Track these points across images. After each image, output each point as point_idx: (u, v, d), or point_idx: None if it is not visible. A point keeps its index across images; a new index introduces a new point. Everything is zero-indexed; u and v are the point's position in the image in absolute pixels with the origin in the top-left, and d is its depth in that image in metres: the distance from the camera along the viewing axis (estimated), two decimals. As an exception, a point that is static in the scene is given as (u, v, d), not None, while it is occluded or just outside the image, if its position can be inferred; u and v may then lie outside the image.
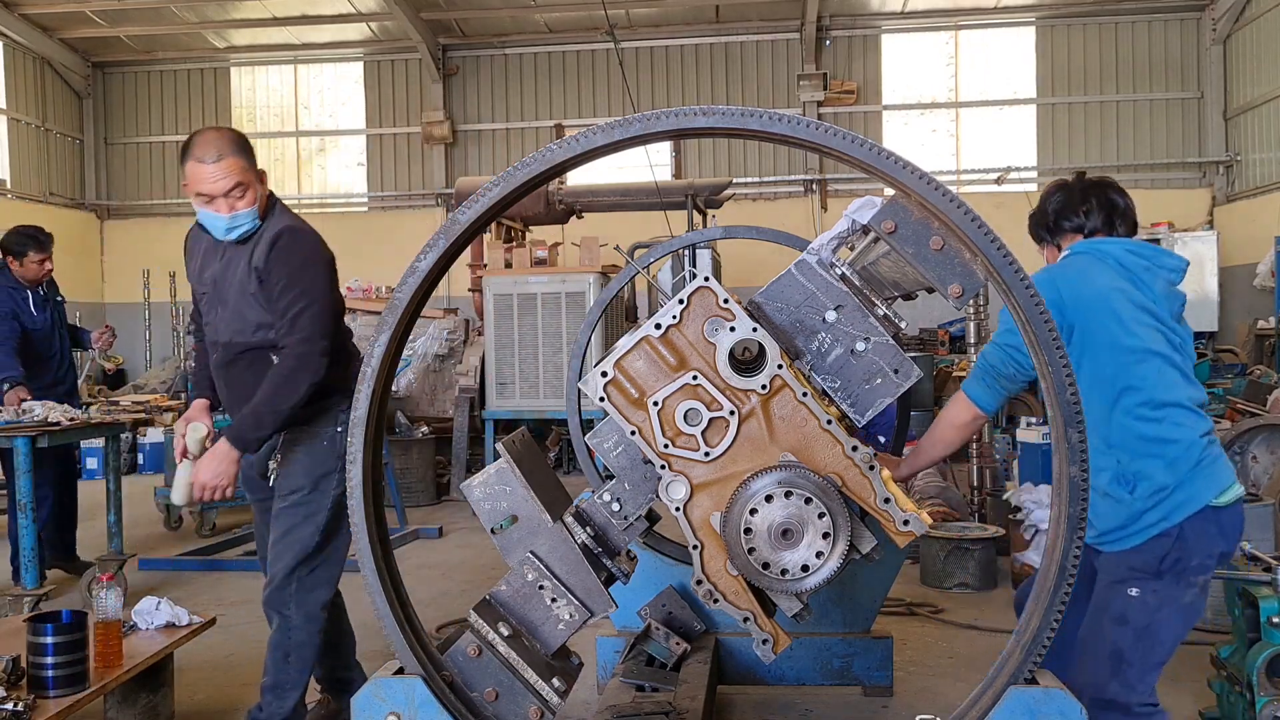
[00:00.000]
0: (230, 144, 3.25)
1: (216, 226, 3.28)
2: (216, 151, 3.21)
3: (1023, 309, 1.74)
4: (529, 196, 2.04)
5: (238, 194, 3.23)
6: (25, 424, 5.42)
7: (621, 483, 2.00)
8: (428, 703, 1.85)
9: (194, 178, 3.22)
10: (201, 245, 3.44)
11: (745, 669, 3.91)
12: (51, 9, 16.39)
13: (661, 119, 1.77)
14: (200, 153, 3.21)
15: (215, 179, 3.20)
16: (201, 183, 3.21)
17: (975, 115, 17.05)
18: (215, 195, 3.21)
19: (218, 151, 3.21)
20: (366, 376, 1.90)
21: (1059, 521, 1.80)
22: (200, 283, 3.45)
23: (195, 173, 3.21)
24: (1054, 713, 1.78)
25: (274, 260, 3.27)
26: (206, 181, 3.20)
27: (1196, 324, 14.44)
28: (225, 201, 3.23)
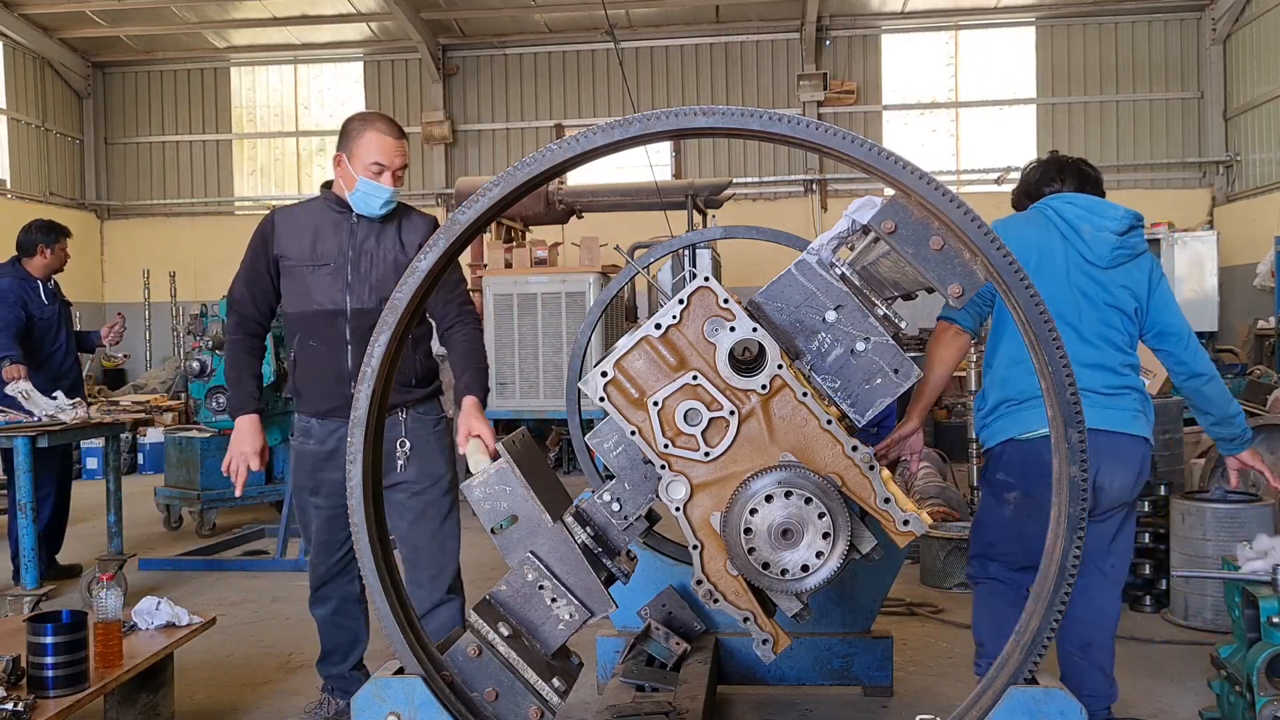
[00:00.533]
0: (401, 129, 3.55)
1: (377, 197, 3.43)
2: (398, 130, 3.49)
3: (1023, 309, 1.74)
4: (529, 196, 2.04)
5: (400, 174, 3.47)
6: (25, 424, 5.42)
7: (621, 483, 2.00)
8: (428, 703, 1.85)
9: (376, 147, 3.40)
10: (310, 223, 3.52)
11: (745, 669, 3.92)
12: (51, 9, 16.38)
13: (661, 119, 1.77)
14: (385, 127, 3.45)
15: (396, 153, 3.44)
16: (385, 153, 3.41)
17: (975, 115, 17.05)
18: (390, 168, 3.42)
19: (399, 130, 3.49)
20: (366, 376, 1.90)
21: (1059, 521, 1.80)
22: (319, 257, 3.49)
23: (378, 143, 3.41)
24: (1054, 712, 1.78)
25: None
26: (390, 153, 3.42)
27: (1197, 324, 14.43)
28: (392, 176, 3.43)
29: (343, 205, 3.53)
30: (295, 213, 3.60)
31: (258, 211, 18.14)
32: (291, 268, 3.52)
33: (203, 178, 18.36)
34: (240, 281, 3.60)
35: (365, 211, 3.48)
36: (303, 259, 3.50)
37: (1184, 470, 6.43)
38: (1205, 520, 4.98)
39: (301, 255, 3.51)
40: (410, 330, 2.02)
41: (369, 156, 3.41)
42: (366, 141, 3.43)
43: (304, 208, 3.61)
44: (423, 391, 3.59)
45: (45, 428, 5.35)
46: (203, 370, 7.10)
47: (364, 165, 3.42)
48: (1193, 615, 5.03)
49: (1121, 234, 3.31)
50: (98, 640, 3.35)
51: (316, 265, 3.49)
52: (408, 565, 3.60)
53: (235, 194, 18.36)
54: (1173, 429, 6.40)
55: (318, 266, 3.49)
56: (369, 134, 3.43)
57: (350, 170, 3.46)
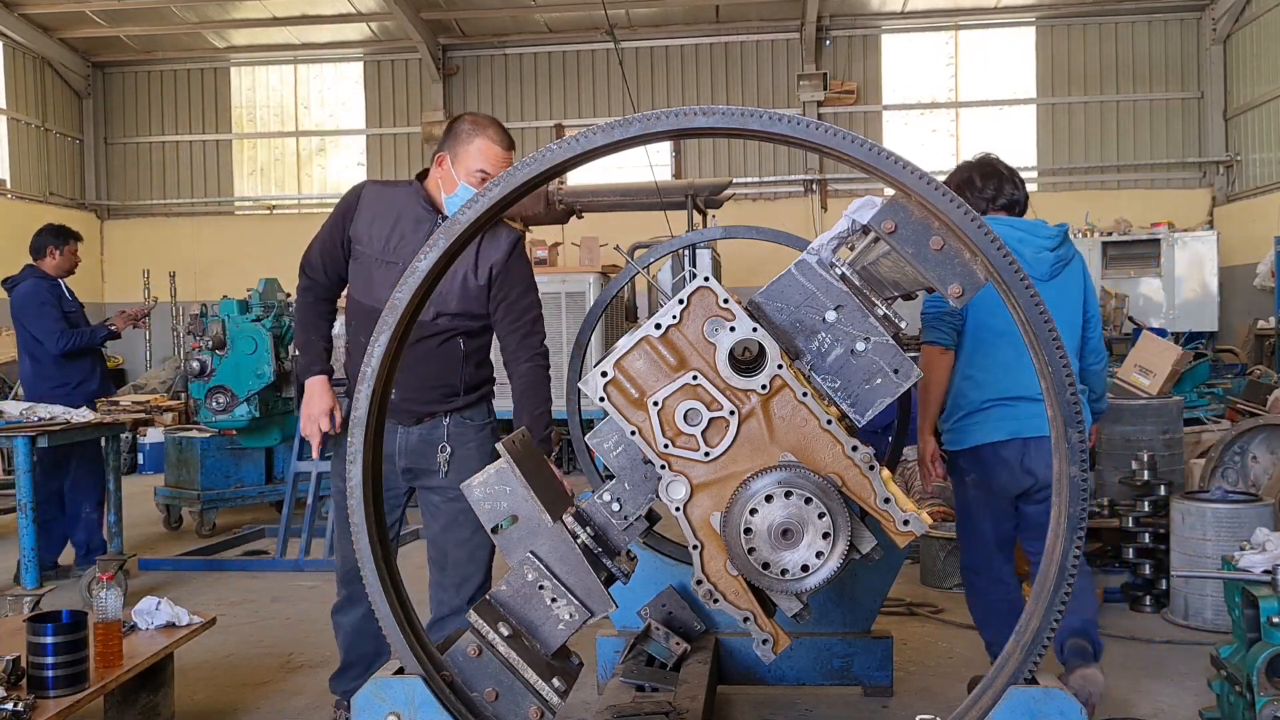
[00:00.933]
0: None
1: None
2: (510, 141, 3.39)
3: (1023, 309, 1.74)
4: (529, 196, 2.03)
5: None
6: (25, 424, 5.43)
7: (621, 483, 2.00)
8: (428, 703, 1.85)
9: (486, 155, 3.30)
10: (398, 211, 3.38)
11: (745, 669, 3.92)
12: (51, 9, 16.38)
13: (661, 119, 1.77)
14: (498, 136, 3.34)
15: (505, 164, 3.31)
16: (493, 162, 3.30)
17: (975, 115, 17.05)
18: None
19: (510, 141, 3.40)
20: (366, 376, 1.90)
21: (1059, 521, 1.81)
22: (391, 252, 3.35)
23: (488, 151, 3.31)
24: (1054, 713, 1.78)
25: (515, 263, 3.42)
26: (498, 163, 3.31)
27: (1197, 324, 14.46)
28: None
29: (430, 203, 3.40)
30: (387, 194, 3.44)
31: (257, 212, 18.16)
32: (361, 254, 3.39)
33: (203, 178, 18.36)
34: (315, 247, 3.49)
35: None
36: (375, 250, 3.36)
37: (1184, 470, 6.44)
38: (1205, 520, 4.98)
39: (375, 245, 3.37)
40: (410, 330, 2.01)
41: (475, 163, 3.30)
42: (477, 148, 3.31)
43: (396, 191, 3.45)
44: (468, 398, 3.50)
45: (45, 428, 5.35)
46: (203, 370, 7.10)
47: (468, 171, 3.30)
48: (1193, 615, 5.03)
49: (1055, 249, 3.66)
50: (98, 640, 3.35)
51: (386, 261, 3.35)
52: (434, 568, 3.58)
53: (235, 194, 18.36)
54: (1173, 429, 6.41)
55: (387, 263, 3.34)
56: (480, 140, 3.32)
57: (453, 173, 3.33)
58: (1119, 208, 15.76)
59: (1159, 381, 6.89)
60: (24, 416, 5.58)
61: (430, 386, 3.42)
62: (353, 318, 3.45)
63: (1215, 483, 5.83)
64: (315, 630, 5.02)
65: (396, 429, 3.44)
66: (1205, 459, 6.25)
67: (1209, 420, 7.80)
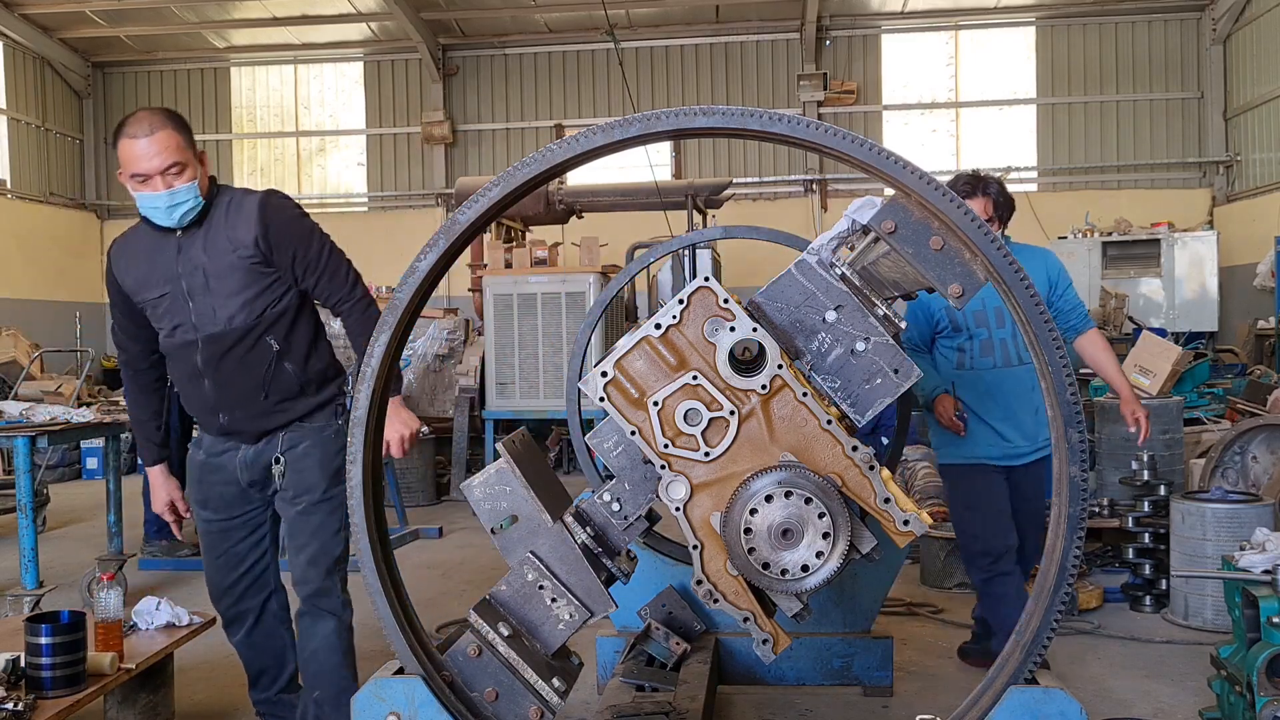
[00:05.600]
0: (164, 119, 3.01)
1: (155, 208, 3.02)
2: (149, 126, 2.97)
3: (1023, 309, 1.74)
4: (529, 196, 2.03)
5: (174, 171, 2.98)
6: (25, 424, 5.42)
7: (621, 483, 2.00)
8: (428, 703, 1.85)
9: (127, 157, 2.97)
10: (140, 249, 3.16)
11: (745, 669, 3.91)
12: (51, 9, 16.38)
13: (661, 119, 1.77)
14: (132, 129, 2.97)
15: (150, 155, 2.95)
16: (136, 161, 2.96)
17: (975, 115, 17.04)
18: (150, 174, 2.97)
19: (150, 126, 2.97)
20: (366, 376, 1.90)
21: (1059, 521, 1.80)
22: (154, 287, 3.14)
23: (128, 151, 2.97)
24: (1054, 713, 1.78)
25: (277, 224, 3.10)
26: (141, 159, 2.96)
27: (1197, 324, 14.45)
28: (161, 180, 2.98)
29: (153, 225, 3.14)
30: (128, 241, 3.22)
31: (258, 211, 18.13)
32: (142, 304, 3.19)
33: (203, 178, 18.34)
34: (113, 322, 3.32)
35: (166, 223, 3.07)
36: (144, 293, 3.16)
37: (1184, 470, 6.43)
38: (1205, 520, 4.98)
39: (141, 289, 3.16)
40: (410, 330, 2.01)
41: (128, 169, 3.00)
42: (120, 154, 3.00)
43: (135, 232, 3.20)
44: (308, 403, 3.25)
45: (45, 427, 5.35)
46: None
47: (129, 179, 3.01)
48: (1193, 615, 5.03)
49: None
50: (98, 640, 3.35)
51: (156, 298, 3.14)
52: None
53: (235, 194, 18.35)
54: (1173, 429, 6.40)
55: (158, 298, 3.14)
56: (120, 144, 2.99)
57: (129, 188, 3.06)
58: (1119, 208, 15.76)
59: (1159, 381, 6.89)
60: (24, 416, 5.58)
61: (257, 400, 3.18)
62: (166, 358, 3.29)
63: (1215, 483, 5.83)
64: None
65: (238, 448, 3.26)
66: (1205, 459, 6.25)
67: (1209, 420, 7.79)
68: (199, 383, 3.19)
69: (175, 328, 3.16)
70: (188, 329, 3.14)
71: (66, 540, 6.63)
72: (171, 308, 3.14)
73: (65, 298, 16.51)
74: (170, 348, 3.20)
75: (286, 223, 3.12)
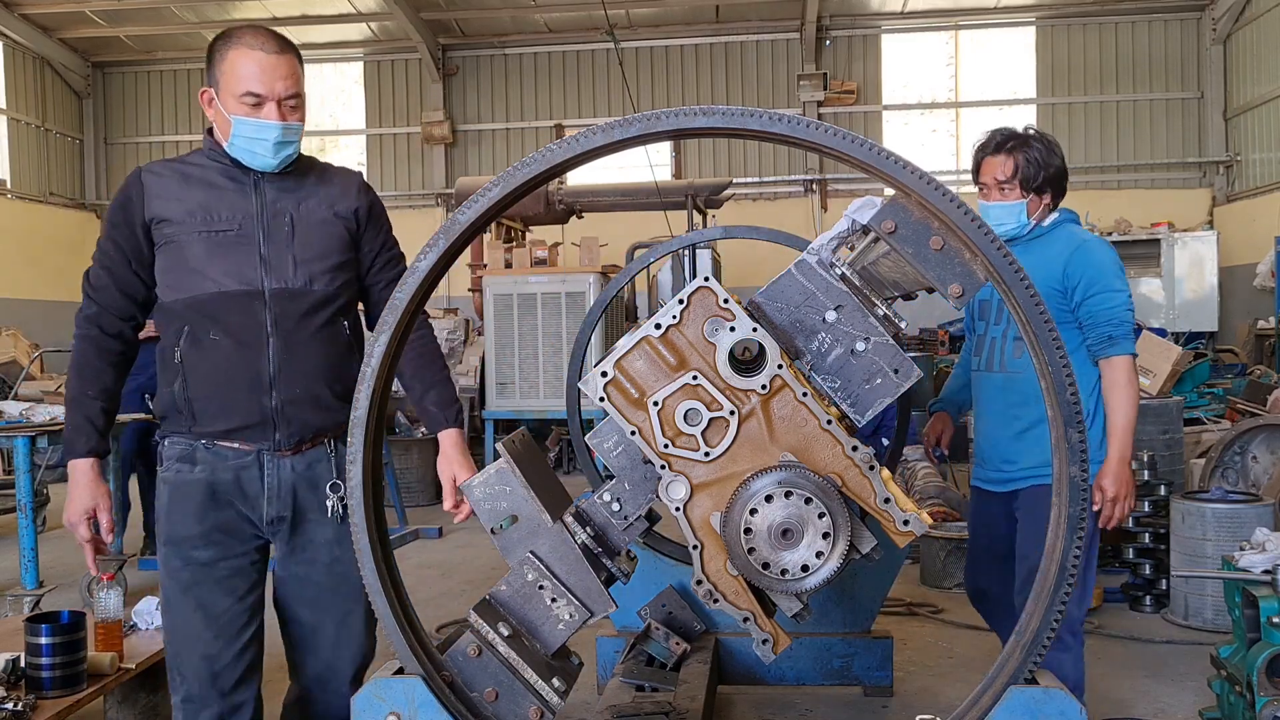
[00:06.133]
0: (289, 43, 2.55)
1: (261, 139, 2.48)
2: (277, 44, 2.50)
3: (1023, 309, 1.74)
4: (529, 196, 2.03)
5: (292, 104, 2.50)
6: (25, 424, 5.43)
7: (621, 483, 1.99)
8: (428, 703, 1.85)
9: (245, 70, 2.45)
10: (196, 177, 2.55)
11: (745, 669, 3.91)
12: (51, 9, 16.39)
13: (661, 119, 1.77)
14: (255, 40, 2.48)
15: (278, 75, 2.47)
16: (257, 77, 2.45)
17: (975, 115, 17.05)
18: (270, 97, 2.46)
19: (278, 45, 2.50)
20: (366, 376, 1.90)
21: (1059, 521, 1.80)
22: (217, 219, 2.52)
23: (248, 63, 2.45)
24: (1054, 713, 1.78)
25: (377, 208, 2.72)
26: (266, 76, 2.45)
27: (1197, 324, 14.47)
28: (278, 108, 2.47)
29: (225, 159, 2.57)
30: (172, 169, 2.59)
31: (258, 211, 18.15)
32: (175, 236, 2.50)
33: (203, 178, 18.36)
34: (99, 260, 2.57)
35: (253, 164, 2.53)
36: (191, 223, 2.50)
37: (1184, 470, 6.43)
38: (1205, 520, 4.98)
39: (188, 218, 2.51)
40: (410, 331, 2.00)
41: (238, 85, 2.45)
42: (229, 65, 2.47)
43: (184, 164, 2.60)
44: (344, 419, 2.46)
45: (45, 428, 5.35)
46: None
47: (234, 97, 2.46)
48: (1193, 615, 5.03)
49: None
50: (98, 640, 3.35)
51: (213, 231, 2.50)
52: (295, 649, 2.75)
53: (235, 194, 18.37)
54: (1173, 429, 6.40)
55: (215, 233, 2.50)
56: (233, 53, 2.46)
57: (221, 110, 2.50)
58: (1119, 208, 15.77)
59: (1159, 381, 6.89)
60: (24, 416, 5.58)
61: (322, 384, 2.58)
62: (179, 320, 2.52)
63: (1215, 483, 5.83)
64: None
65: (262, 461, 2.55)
66: (1205, 459, 6.26)
67: (1209, 420, 7.80)
68: (253, 348, 2.51)
69: (231, 272, 2.51)
70: (251, 277, 2.52)
71: (66, 540, 6.63)
72: (237, 247, 2.52)
73: (65, 298, 16.47)
74: (204, 301, 2.50)
75: (382, 212, 2.75)
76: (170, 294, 2.54)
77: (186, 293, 2.51)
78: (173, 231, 2.51)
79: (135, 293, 2.58)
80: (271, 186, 2.57)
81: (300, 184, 2.61)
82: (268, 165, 2.54)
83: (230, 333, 2.51)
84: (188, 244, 2.50)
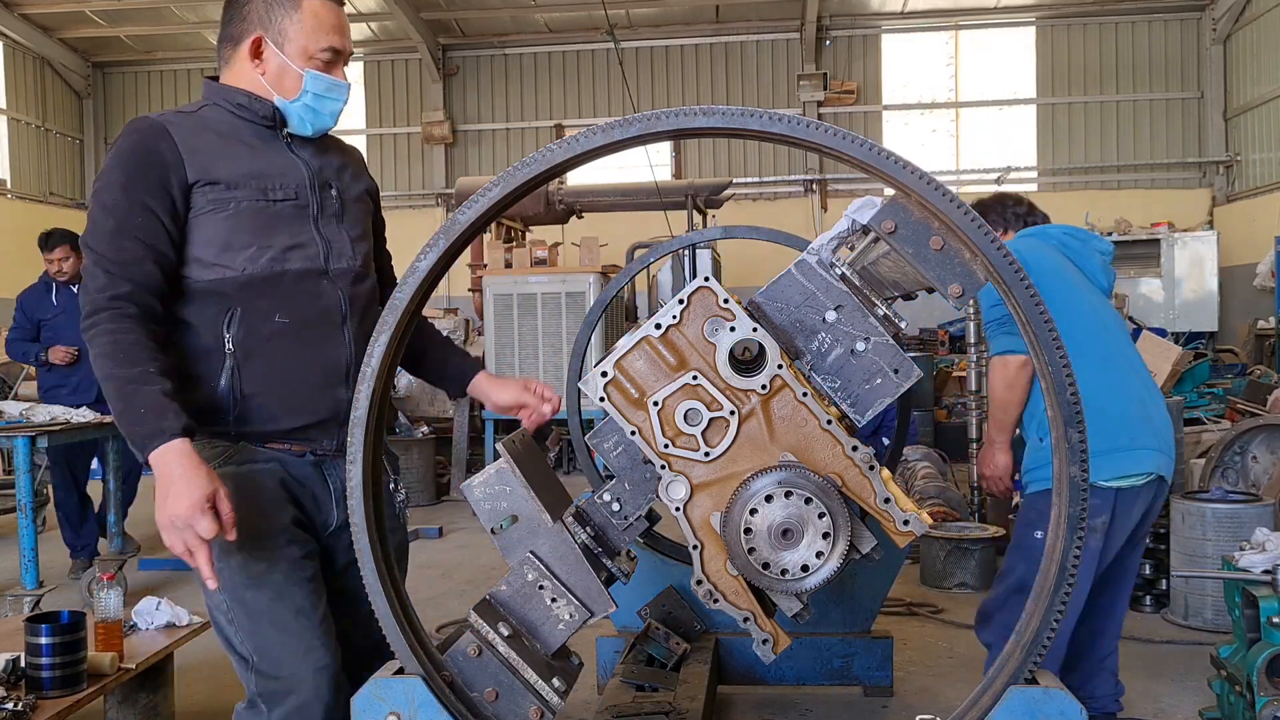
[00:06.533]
0: None
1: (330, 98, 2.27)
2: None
3: (1023, 309, 1.74)
4: (529, 196, 2.02)
5: (345, 64, 2.33)
6: (25, 424, 5.43)
7: (621, 483, 1.99)
8: (428, 703, 1.85)
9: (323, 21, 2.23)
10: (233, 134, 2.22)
11: (745, 669, 3.91)
12: (51, 9, 16.39)
13: (661, 119, 1.77)
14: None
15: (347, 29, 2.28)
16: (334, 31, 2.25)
17: (975, 115, 17.06)
18: (346, 51, 2.29)
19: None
20: (366, 376, 1.90)
21: (1059, 521, 1.80)
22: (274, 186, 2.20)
23: (324, 15, 2.23)
24: (1054, 713, 1.78)
25: (377, 191, 2.52)
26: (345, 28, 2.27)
27: (1196, 324, 14.47)
28: (342, 68, 2.29)
29: (260, 114, 2.24)
30: (196, 121, 2.21)
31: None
32: (227, 203, 2.15)
33: (203, 178, 18.37)
34: (116, 233, 2.08)
35: (307, 126, 2.27)
36: (248, 188, 2.17)
37: (1184, 470, 6.43)
38: (1205, 520, 4.98)
39: (245, 181, 2.17)
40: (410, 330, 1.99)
41: (318, 40, 2.21)
42: (314, 14, 2.21)
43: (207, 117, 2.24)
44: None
45: (45, 428, 5.35)
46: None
47: (308, 54, 2.21)
48: (1193, 615, 5.03)
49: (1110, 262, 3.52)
50: (98, 640, 3.35)
51: (270, 199, 2.19)
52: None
53: (235, 194, 18.37)
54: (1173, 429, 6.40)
55: (273, 201, 2.20)
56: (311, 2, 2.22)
57: (285, 61, 2.21)
58: (1119, 208, 15.78)
59: (1159, 381, 6.89)
60: (24, 416, 5.58)
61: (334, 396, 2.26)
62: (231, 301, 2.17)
63: (1215, 483, 5.83)
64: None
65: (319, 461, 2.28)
66: (1205, 459, 6.25)
67: (1209, 420, 7.80)
68: (327, 334, 2.24)
69: (292, 248, 2.21)
70: (314, 255, 2.24)
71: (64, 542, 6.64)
72: (295, 219, 2.23)
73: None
74: (262, 282, 2.17)
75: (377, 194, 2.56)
76: (211, 272, 2.15)
77: (240, 269, 2.15)
78: (225, 197, 2.14)
79: (169, 268, 2.14)
80: (306, 152, 2.29)
81: (325, 152, 2.35)
82: (323, 127, 2.28)
83: (299, 316, 2.19)
84: (242, 213, 2.15)
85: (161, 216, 2.11)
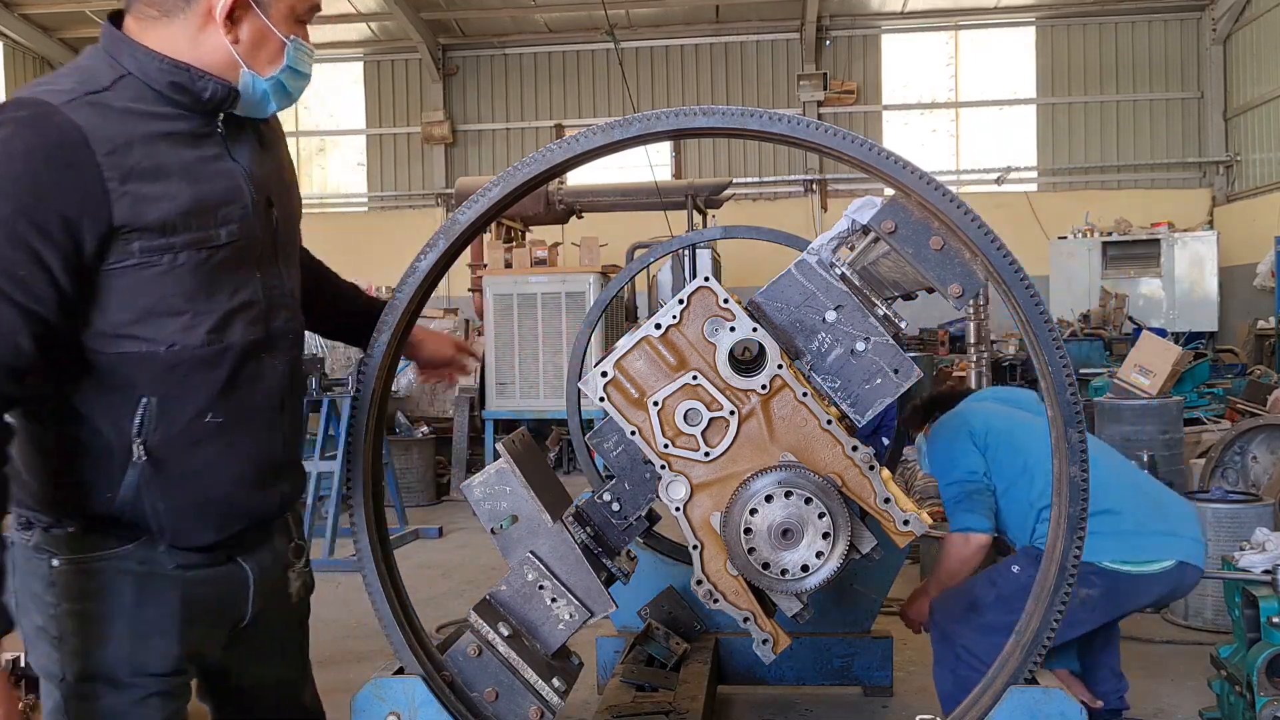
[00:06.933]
0: None
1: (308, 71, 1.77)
2: None
3: (1023, 309, 1.74)
4: (529, 196, 2.02)
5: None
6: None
7: (621, 483, 2.00)
8: (428, 703, 1.85)
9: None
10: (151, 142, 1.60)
11: (745, 669, 3.91)
12: (51, 9, 16.39)
13: (661, 119, 1.77)
14: None
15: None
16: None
17: (975, 115, 17.05)
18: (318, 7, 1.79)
19: None
20: (367, 376, 1.90)
21: (1059, 521, 1.80)
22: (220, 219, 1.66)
23: None
24: (1054, 713, 1.78)
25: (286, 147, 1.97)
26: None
27: (1196, 324, 14.46)
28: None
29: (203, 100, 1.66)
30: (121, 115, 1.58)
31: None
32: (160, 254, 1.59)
33: (202, 178, 18.36)
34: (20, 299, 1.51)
35: (263, 110, 1.76)
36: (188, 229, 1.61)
37: (1184, 470, 6.44)
38: (1205, 520, 4.97)
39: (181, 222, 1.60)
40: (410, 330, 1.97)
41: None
42: None
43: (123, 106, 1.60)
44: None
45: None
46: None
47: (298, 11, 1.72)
48: (1193, 615, 5.03)
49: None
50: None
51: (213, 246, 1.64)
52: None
53: (235, 194, 18.36)
54: (1173, 429, 6.41)
55: (217, 248, 1.65)
56: None
57: (268, 23, 1.67)
58: (1119, 208, 15.77)
59: (1159, 381, 6.89)
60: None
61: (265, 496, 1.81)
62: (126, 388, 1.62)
63: (1215, 483, 5.83)
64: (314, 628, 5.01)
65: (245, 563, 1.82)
66: (1205, 459, 6.26)
67: (1209, 420, 7.80)
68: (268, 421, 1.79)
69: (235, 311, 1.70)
70: (256, 315, 1.74)
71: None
72: (238, 268, 1.70)
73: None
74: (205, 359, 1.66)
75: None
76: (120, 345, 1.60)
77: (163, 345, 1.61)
78: (157, 248, 1.58)
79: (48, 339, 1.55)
80: (244, 153, 1.74)
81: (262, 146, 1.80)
82: (283, 106, 1.79)
83: (235, 410, 1.70)
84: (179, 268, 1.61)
85: (53, 268, 1.51)
